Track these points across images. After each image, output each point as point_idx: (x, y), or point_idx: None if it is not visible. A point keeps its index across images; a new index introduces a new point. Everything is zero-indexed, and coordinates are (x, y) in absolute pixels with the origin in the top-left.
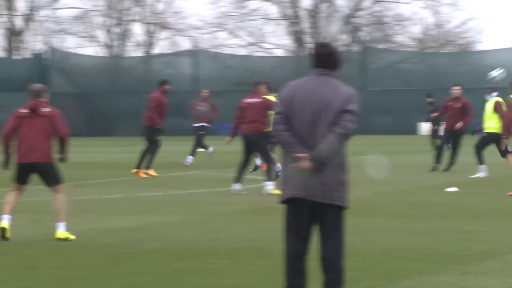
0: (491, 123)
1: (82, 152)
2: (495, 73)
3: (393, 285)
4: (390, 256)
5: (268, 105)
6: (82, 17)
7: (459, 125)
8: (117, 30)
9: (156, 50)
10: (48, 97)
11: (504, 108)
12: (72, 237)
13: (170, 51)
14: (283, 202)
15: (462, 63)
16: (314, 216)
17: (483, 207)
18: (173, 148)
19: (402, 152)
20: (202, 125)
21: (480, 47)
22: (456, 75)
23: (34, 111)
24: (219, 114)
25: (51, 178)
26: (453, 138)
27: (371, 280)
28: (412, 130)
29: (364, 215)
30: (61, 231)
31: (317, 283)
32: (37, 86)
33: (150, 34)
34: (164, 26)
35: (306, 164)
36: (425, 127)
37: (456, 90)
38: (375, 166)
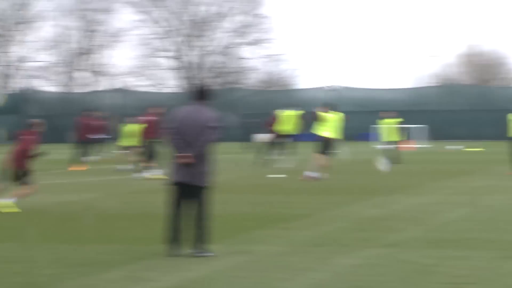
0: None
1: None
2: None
3: (241, 237)
4: (238, 218)
5: (156, 121)
6: (48, 67)
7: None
8: (71, 74)
9: (96, 88)
10: (42, 127)
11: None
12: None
13: (104, 89)
14: (171, 184)
15: (285, 97)
16: (189, 193)
17: (299, 186)
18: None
19: (247, 152)
20: (98, 137)
21: (298, 86)
22: (281, 105)
23: (20, 136)
24: (109, 128)
25: (24, 179)
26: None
27: (225, 233)
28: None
29: (226, 192)
30: (5, 202)
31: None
32: (31, 121)
33: (92, 77)
34: (102, 72)
35: (188, 160)
36: (260, 137)
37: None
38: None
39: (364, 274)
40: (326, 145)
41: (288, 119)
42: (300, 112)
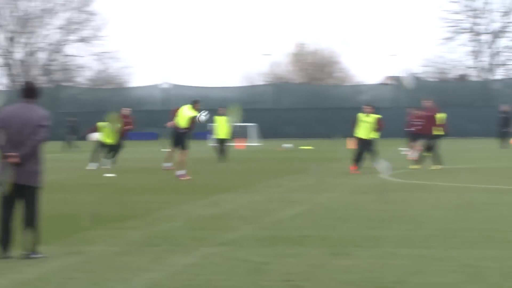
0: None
1: None
2: (202, 116)
3: (74, 237)
4: (71, 219)
5: None
6: None
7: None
8: None
9: None
10: None
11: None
12: None
13: None
14: None
15: (118, 95)
16: (19, 193)
17: (132, 186)
18: None
19: (74, 151)
20: None
21: (130, 85)
22: (116, 102)
23: None
24: None
25: None
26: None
27: (58, 234)
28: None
29: (58, 192)
30: None
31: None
32: None
33: None
34: None
35: (15, 160)
36: (93, 136)
37: (125, 111)
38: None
39: (199, 273)
40: (179, 139)
41: (108, 131)
42: (118, 125)
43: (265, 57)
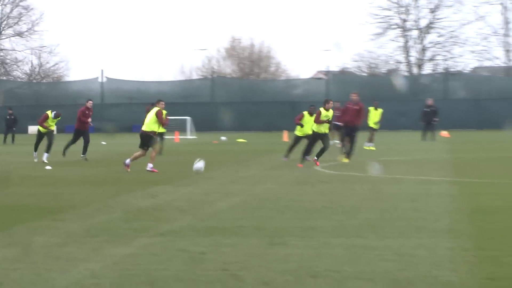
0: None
1: None
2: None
3: (13, 229)
4: (10, 210)
5: None
6: None
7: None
8: None
9: None
10: None
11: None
12: None
13: None
14: None
15: (57, 89)
16: None
17: (69, 178)
18: None
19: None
20: None
21: (68, 79)
22: (53, 97)
23: None
24: None
25: None
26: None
27: None
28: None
29: None
30: None
31: None
32: None
33: None
34: None
35: None
36: (31, 129)
37: (90, 103)
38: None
39: (138, 263)
40: (147, 141)
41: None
42: (58, 118)
43: (201, 52)
